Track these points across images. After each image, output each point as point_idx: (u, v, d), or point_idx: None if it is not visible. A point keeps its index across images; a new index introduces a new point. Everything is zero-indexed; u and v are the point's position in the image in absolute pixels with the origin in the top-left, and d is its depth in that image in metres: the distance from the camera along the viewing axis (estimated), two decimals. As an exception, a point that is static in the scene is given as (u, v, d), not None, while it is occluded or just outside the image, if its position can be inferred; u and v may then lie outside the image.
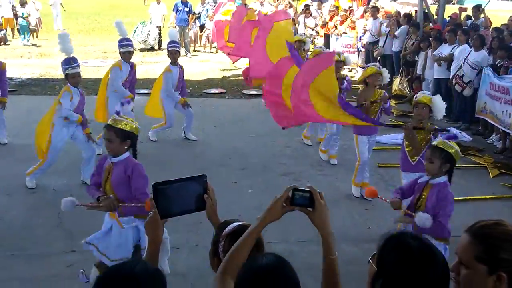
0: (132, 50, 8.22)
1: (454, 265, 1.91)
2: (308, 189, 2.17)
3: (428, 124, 5.61)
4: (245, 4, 17.27)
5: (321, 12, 17.96)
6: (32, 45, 19.35)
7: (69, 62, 6.74)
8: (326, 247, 2.21)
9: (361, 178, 6.99)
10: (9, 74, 13.36)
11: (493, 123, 9.29)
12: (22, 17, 19.99)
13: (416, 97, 5.67)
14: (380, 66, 7.01)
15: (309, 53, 10.35)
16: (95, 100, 8.38)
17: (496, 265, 1.82)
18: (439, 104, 5.48)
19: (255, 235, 2.15)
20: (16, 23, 21.27)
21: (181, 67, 8.88)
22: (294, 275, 1.90)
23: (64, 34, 7.43)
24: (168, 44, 9.03)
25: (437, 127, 5.63)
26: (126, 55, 8.08)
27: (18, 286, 4.82)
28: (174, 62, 8.75)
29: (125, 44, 8.08)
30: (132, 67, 8.28)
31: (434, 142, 4.46)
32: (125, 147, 4.38)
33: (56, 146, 6.81)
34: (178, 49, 8.79)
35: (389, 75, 7.06)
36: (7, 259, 5.25)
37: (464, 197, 7.11)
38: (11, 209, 6.35)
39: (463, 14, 14.27)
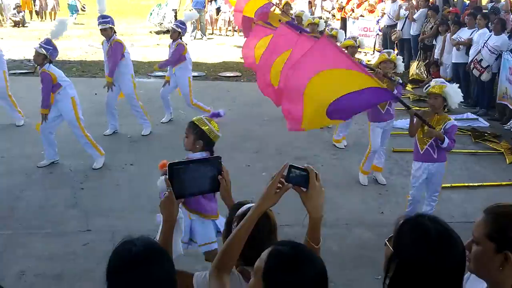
0: (105, 27, 7.94)
1: (468, 242, 1.91)
2: (305, 168, 2.07)
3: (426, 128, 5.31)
4: None
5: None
6: (78, 23, 19.78)
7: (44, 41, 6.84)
8: (312, 233, 2.11)
9: (369, 166, 7.00)
10: (27, 55, 13.52)
11: (512, 108, 9.20)
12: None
13: (429, 85, 5.52)
14: (394, 53, 6.90)
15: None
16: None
17: (504, 244, 1.82)
18: (452, 94, 5.24)
19: (249, 226, 2.07)
20: (34, 5, 21.40)
21: (178, 44, 8.73)
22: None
23: (64, 20, 7.52)
24: None
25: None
26: (102, 32, 8.06)
27: (35, 263, 4.91)
28: (173, 40, 8.81)
29: (100, 22, 8.00)
30: (113, 45, 8.01)
31: (194, 118, 4.40)
32: None
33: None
34: (177, 29, 8.70)
35: (403, 64, 6.94)
36: (25, 237, 5.35)
37: (480, 183, 7.06)
38: (28, 188, 6.45)
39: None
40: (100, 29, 8.01)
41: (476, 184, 7.05)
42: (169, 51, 8.91)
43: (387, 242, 1.88)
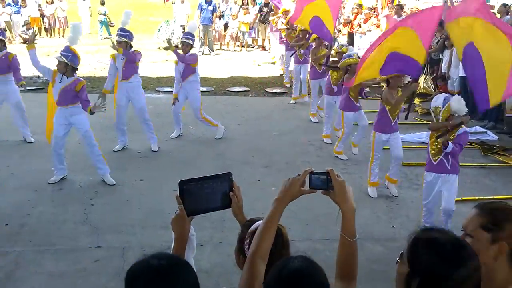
0: (120, 40, 8.06)
1: (461, 236, 1.94)
2: (324, 171, 2.19)
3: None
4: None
5: (342, 11, 17.80)
6: (105, 38, 20.66)
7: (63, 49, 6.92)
8: (346, 226, 2.15)
9: (375, 177, 7.01)
10: (36, 72, 13.61)
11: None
12: (104, 14, 21.43)
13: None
14: None
15: (332, 51, 10.33)
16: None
17: (499, 235, 1.89)
18: (458, 105, 5.35)
19: (278, 215, 2.16)
20: (43, 22, 21.64)
21: (192, 54, 8.79)
22: (325, 279, 1.89)
23: (78, 24, 7.60)
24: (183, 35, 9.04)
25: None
26: (117, 44, 8.13)
27: (45, 280, 4.91)
28: (185, 53, 8.79)
29: (118, 34, 8.14)
30: (129, 56, 8.09)
31: None
32: None
33: (58, 131, 6.98)
34: (188, 41, 8.70)
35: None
36: (35, 253, 5.36)
37: (490, 196, 7.01)
38: (38, 205, 6.47)
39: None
40: (116, 41, 8.10)
41: (486, 197, 6.99)
42: (177, 68, 8.85)
43: (399, 260, 1.87)
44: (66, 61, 6.77)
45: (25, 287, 4.80)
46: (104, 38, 20.65)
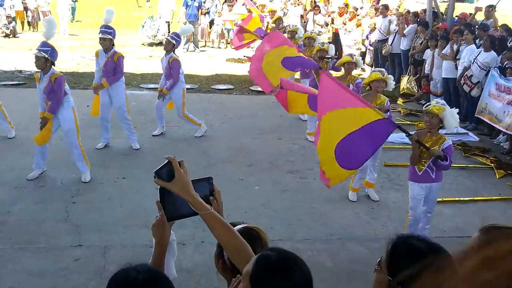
0: (104, 37, 7.96)
1: None
2: (166, 162, 2.15)
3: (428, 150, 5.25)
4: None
5: (328, 10, 17.82)
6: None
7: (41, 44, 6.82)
8: (198, 207, 2.18)
9: (358, 183, 6.99)
10: (18, 67, 13.50)
11: (492, 123, 9.30)
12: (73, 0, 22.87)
13: (428, 105, 5.52)
14: (386, 73, 6.89)
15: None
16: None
17: None
18: (450, 118, 5.29)
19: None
20: (26, 15, 21.36)
21: (173, 61, 8.63)
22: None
23: (51, 19, 7.53)
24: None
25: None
26: (100, 42, 8.07)
27: (25, 279, 4.87)
28: (166, 52, 8.75)
29: (102, 31, 8.03)
30: (112, 56, 8.04)
31: None
32: None
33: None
34: (171, 40, 8.62)
35: (393, 83, 6.95)
36: (15, 252, 5.30)
37: (470, 198, 7.11)
38: (19, 202, 6.39)
39: (471, 13, 14.06)
40: (100, 38, 8.01)
41: (466, 198, 7.10)
42: (162, 65, 8.88)
43: (377, 268, 1.87)
44: (46, 55, 6.68)
45: (4, 286, 4.75)
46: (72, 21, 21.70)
